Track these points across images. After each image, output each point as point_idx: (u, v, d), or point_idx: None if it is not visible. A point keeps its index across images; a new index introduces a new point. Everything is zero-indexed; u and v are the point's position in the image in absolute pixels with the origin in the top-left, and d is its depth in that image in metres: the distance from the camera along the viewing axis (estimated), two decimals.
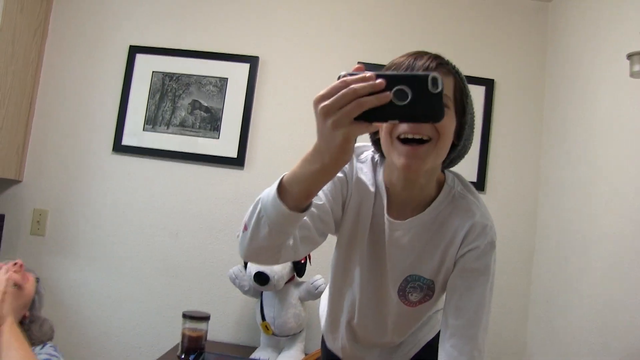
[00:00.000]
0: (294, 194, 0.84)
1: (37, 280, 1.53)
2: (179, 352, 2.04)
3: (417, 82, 0.74)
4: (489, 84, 2.32)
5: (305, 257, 2.06)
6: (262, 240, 0.89)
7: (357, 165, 1.11)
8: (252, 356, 2.09)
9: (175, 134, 2.38)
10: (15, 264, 1.45)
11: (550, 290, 2.07)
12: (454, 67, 1.00)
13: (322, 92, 0.74)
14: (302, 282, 2.10)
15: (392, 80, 0.74)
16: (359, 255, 1.15)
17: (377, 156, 1.13)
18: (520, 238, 2.29)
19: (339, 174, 1.07)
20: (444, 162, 1.05)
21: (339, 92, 0.72)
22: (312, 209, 0.96)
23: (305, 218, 0.96)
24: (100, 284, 2.37)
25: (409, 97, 0.74)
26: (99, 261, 2.39)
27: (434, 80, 0.74)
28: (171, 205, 2.39)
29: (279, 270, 1.96)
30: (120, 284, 2.38)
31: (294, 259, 1.01)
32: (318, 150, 0.78)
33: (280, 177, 0.86)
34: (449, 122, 0.97)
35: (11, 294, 1.36)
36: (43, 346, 1.46)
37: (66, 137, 2.45)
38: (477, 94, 2.24)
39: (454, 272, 1.10)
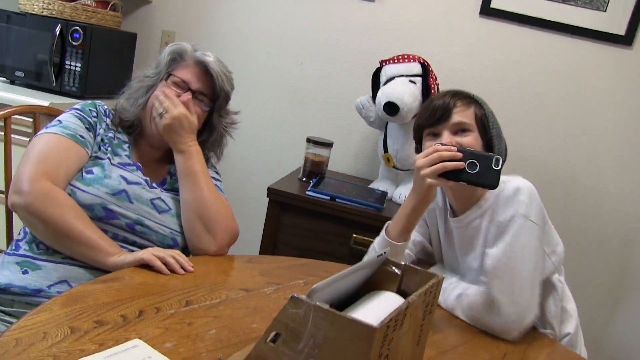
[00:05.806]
0: (396, 231, 1.23)
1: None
2: (300, 175, 2.13)
3: (484, 159, 1.11)
4: None
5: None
6: None
7: None
8: (370, 186, 2.16)
9: None
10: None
11: None
12: (473, 97, 1.29)
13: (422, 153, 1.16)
14: None
15: (468, 154, 1.12)
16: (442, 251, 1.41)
17: None
18: None
19: None
20: None
21: (431, 154, 1.13)
22: (412, 246, 1.37)
23: (409, 252, 1.36)
24: None
25: (477, 168, 1.11)
26: None
27: (497, 160, 1.11)
28: (297, 34, 2.36)
29: (409, 103, 1.93)
30: (246, 107, 2.46)
31: None
32: (411, 194, 1.19)
33: (386, 224, 1.27)
34: (474, 142, 1.24)
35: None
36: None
37: None
38: None
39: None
